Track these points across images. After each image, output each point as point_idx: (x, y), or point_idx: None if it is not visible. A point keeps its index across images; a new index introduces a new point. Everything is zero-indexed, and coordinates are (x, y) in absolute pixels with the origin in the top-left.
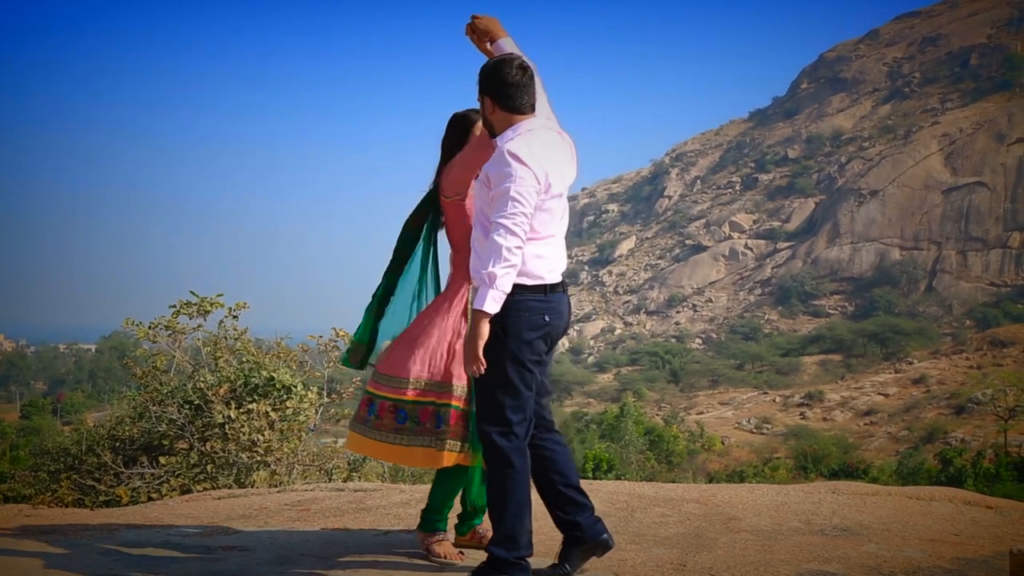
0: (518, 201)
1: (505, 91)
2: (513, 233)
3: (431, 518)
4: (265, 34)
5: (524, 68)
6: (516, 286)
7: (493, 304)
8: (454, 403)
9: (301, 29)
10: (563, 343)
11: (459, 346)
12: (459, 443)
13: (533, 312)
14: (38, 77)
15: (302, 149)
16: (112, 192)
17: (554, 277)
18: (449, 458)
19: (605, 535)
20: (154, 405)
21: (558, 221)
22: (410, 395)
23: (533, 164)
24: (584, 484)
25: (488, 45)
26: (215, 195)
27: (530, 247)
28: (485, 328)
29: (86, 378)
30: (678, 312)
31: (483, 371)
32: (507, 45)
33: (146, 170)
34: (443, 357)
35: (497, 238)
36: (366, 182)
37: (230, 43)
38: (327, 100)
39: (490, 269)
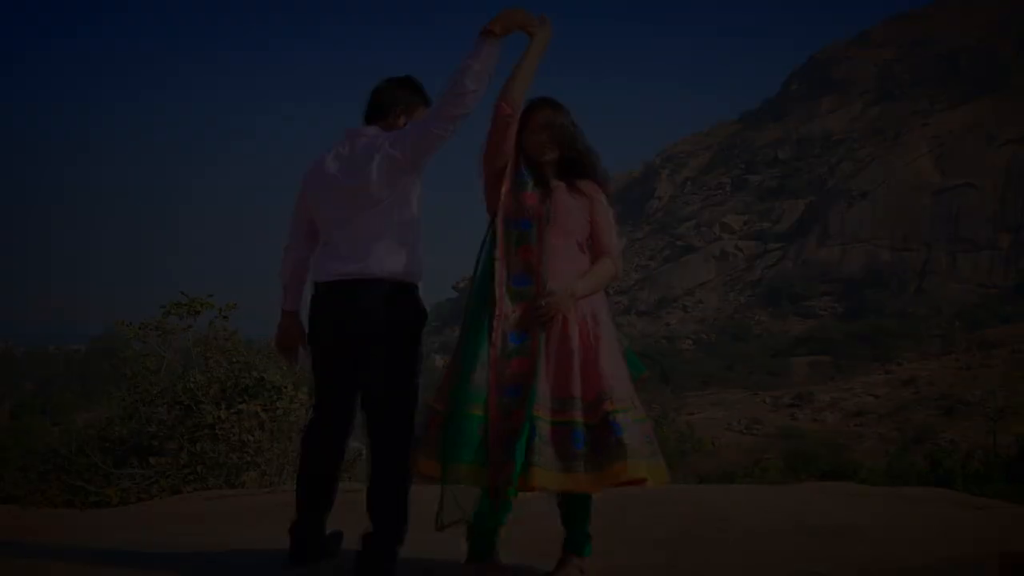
0: (295, 205)
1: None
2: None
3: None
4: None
5: (390, 80)
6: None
7: (283, 292)
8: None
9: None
10: None
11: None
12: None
13: (309, 308)
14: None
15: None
16: (105, 193)
17: (327, 276)
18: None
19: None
20: (144, 406)
21: (336, 227)
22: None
23: (306, 174)
24: None
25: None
26: (209, 195)
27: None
28: (284, 317)
29: (76, 379)
30: (668, 313)
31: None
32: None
33: (143, 171)
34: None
35: None
36: None
37: (229, 43)
38: (325, 100)
39: None
